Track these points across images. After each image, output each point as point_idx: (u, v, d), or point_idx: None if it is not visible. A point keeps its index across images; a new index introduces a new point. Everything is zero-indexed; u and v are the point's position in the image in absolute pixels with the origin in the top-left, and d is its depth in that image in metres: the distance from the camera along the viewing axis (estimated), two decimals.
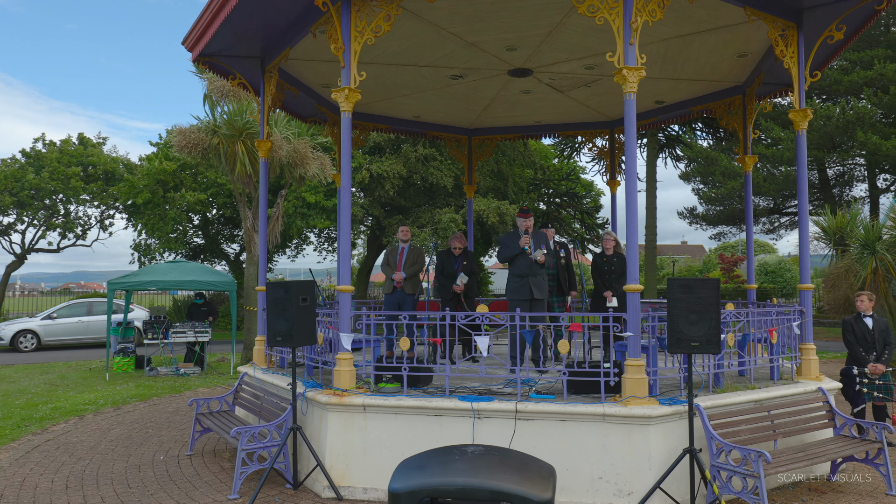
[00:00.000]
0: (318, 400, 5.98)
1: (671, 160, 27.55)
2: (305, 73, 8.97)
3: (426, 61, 8.55)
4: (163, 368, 13.68)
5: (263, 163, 8.42)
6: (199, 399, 7.53)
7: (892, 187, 22.76)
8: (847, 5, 6.76)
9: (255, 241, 14.29)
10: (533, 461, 2.39)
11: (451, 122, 11.70)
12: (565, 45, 8.00)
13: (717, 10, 6.92)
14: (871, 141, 17.34)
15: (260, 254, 8.33)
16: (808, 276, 7.05)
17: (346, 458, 5.83)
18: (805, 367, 6.86)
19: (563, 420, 5.47)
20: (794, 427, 5.99)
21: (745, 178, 9.77)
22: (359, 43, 6.26)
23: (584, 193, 32.68)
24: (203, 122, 14.35)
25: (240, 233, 28.68)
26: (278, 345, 5.83)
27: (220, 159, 14.09)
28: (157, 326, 13.67)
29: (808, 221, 7.14)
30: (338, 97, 6.29)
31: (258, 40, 7.90)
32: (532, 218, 7.50)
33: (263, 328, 8.18)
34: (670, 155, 27.74)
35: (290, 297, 5.79)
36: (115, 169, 25.40)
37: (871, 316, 7.88)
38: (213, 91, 14.20)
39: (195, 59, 8.13)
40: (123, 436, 8.30)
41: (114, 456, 7.34)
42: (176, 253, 25.22)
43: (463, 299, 8.61)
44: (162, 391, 11.51)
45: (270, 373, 7.51)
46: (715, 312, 5.07)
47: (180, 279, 13.80)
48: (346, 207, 6.28)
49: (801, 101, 7.05)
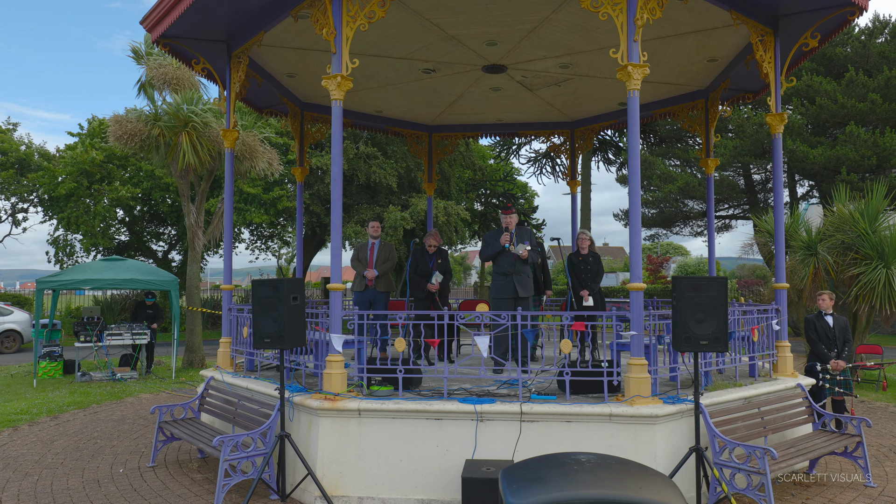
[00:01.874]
0: (308, 405, 5.63)
1: (603, 164, 28.26)
2: (270, 61, 8.51)
3: (402, 53, 8.29)
4: (96, 373, 12.74)
5: (229, 153, 7.93)
6: (161, 406, 6.99)
7: (811, 192, 24.16)
8: (822, 14, 6.98)
9: (199, 238, 13.55)
10: (649, 470, 2.24)
11: (412, 119, 11.46)
12: (546, 42, 7.93)
13: (702, 14, 7.01)
14: (799, 149, 18.30)
15: (225, 249, 7.84)
16: (784, 276, 7.26)
17: (339, 466, 5.51)
18: (781, 364, 7.06)
19: (568, 421, 5.36)
20: (781, 423, 6.12)
21: (707, 180, 10.02)
22: (351, 28, 5.95)
23: (520, 195, 33.07)
24: (138, 111, 13.50)
25: (166, 230, 27.31)
26: (266, 347, 5.44)
27: (159, 151, 13.27)
28: (90, 328, 12.73)
29: (784, 222, 7.36)
30: (328, 85, 5.95)
31: (226, 23, 7.41)
32: (515, 214, 7.38)
33: (229, 329, 7.71)
34: (603, 159, 28.44)
35: (279, 295, 5.42)
36: (29, 157, 23.57)
37: (832, 314, 8.23)
38: (153, 79, 13.36)
39: (155, 40, 7.55)
40: (70, 447, 7.61)
41: (65, 470, 6.69)
42: (99, 250, 23.73)
43: (437, 298, 8.39)
44: (101, 398, 10.69)
45: (241, 377, 7.06)
46: (723, 311, 5.09)
47: (116, 278, 12.88)
48: (338, 201, 5.95)
49: (778, 106, 7.24)
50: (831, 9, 6.89)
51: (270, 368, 7.69)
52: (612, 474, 2.13)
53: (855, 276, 11.52)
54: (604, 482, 2.07)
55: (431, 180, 12.00)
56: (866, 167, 17.85)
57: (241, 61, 7.60)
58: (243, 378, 6.95)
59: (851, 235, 11.71)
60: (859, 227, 11.60)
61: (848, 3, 6.71)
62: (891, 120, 18.20)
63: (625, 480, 2.09)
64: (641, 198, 25.48)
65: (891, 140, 17.64)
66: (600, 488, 2.03)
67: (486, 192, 32.04)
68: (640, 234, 5.66)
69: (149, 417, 9.25)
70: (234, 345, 7.61)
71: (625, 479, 2.10)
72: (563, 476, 2.12)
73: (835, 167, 18.24)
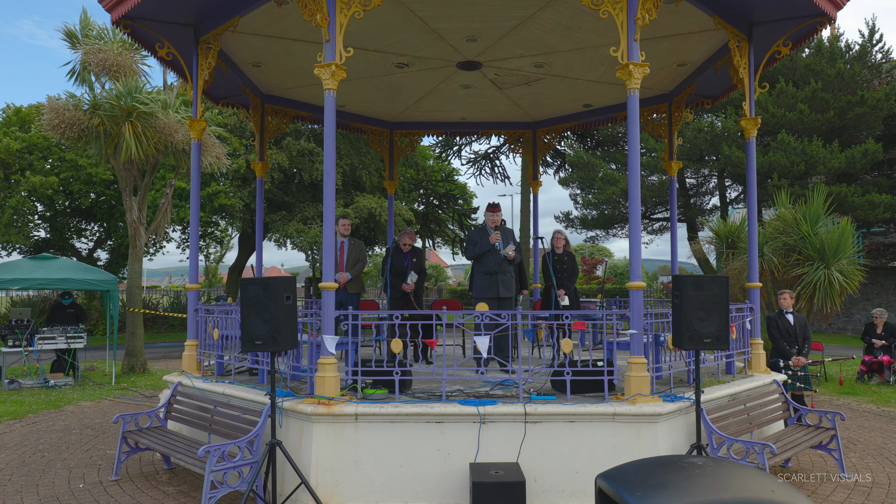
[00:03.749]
0: (301, 410, 5.34)
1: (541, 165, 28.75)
2: (236, 48, 8.09)
3: (378, 45, 8.05)
4: (26, 380, 11.80)
5: (196, 144, 7.47)
6: (125, 414, 6.48)
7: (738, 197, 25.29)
8: (794, 23, 7.24)
9: (141, 235, 12.78)
10: (760, 471, 2.17)
11: (375, 115, 11.20)
12: (525, 40, 7.88)
13: (683, 17, 7.13)
14: (734, 154, 19.10)
15: (191, 247, 7.38)
16: (757, 276, 7.47)
17: (335, 473, 5.25)
18: (755, 360, 7.26)
19: (571, 421, 5.30)
20: (763, 418, 6.29)
21: (671, 182, 10.25)
22: (345, 16, 5.69)
23: (460, 195, 33.12)
24: (76, 99, 12.62)
25: (89, 226, 25.74)
26: (257, 349, 5.11)
27: (98, 142, 12.43)
28: (18, 332, 11.78)
29: (756, 225, 7.57)
30: (321, 74, 5.67)
31: (196, 5, 6.97)
32: (501, 213, 7.29)
33: (195, 332, 7.26)
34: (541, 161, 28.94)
35: (271, 295, 5.09)
36: None
37: (792, 312, 8.56)
38: (90, 64, 12.51)
39: (116, 21, 7.02)
40: (15, 462, 6.96)
41: (16, 488, 6.10)
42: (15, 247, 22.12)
43: (412, 298, 8.20)
44: (37, 407, 9.89)
45: (213, 382, 6.64)
46: (724, 309, 5.15)
47: (48, 277, 11.98)
48: (330, 196, 5.67)
49: (752, 110, 7.46)
50: (803, 18, 7.15)
51: (242, 372, 7.29)
52: (734, 477, 2.05)
53: (798, 276, 12.08)
54: (733, 485, 1.98)
55: (393, 178, 11.78)
56: (795, 173, 18.81)
57: (212, 47, 7.18)
58: (217, 383, 6.54)
59: (795, 237, 12.28)
60: (802, 230, 12.18)
61: (819, 13, 6.97)
62: (817, 129, 19.26)
63: (751, 482, 2.01)
64: (583, 200, 26.10)
65: (817, 148, 18.66)
66: (733, 492, 1.94)
67: (425, 192, 31.93)
68: (640, 234, 5.67)
69: (97, 427, 8.62)
70: (202, 347, 7.17)
71: (749, 481, 2.02)
72: (688, 480, 2.01)
73: (767, 173, 19.13)
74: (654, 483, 2.02)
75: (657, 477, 2.06)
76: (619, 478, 2.14)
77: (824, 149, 18.80)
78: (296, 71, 8.83)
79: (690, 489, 1.95)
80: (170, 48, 7.45)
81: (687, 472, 2.05)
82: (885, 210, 18.91)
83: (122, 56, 12.26)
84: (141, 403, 10.12)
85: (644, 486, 2.02)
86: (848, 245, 12.01)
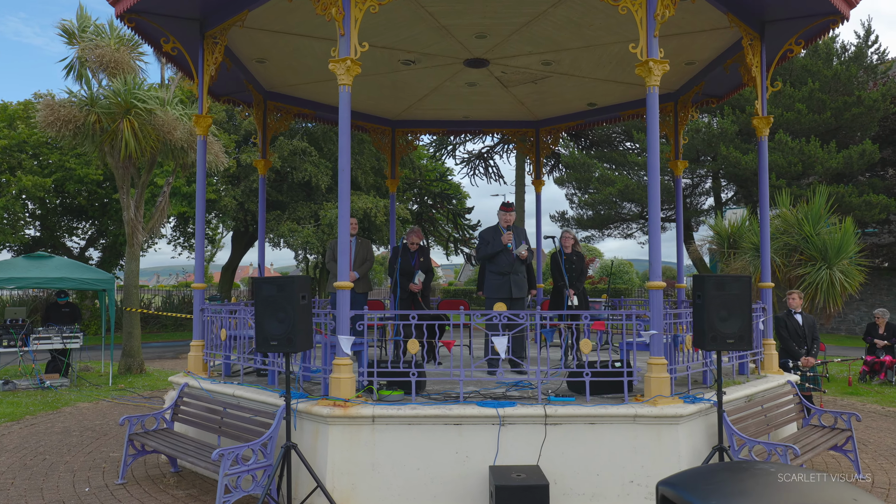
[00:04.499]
0: (317, 412, 5.22)
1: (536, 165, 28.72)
2: (242, 44, 7.96)
3: (386, 42, 7.94)
4: (21, 381, 11.59)
5: (201, 141, 7.33)
6: (131, 416, 6.34)
7: (732, 198, 25.35)
8: (807, 21, 7.20)
9: (138, 233, 12.59)
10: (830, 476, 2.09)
11: (378, 112, 11.08)
12: (535, 37, 7.80)
13: (696, 15, 7.07)
14: (732, 155, 19.12)
15: (196, 246, 7.23)
16: (769, 275, 7.42)
17: (351, 477, 5.14)
18: (767, 361, 7.21)
19: (592, 423, 5.22)
20: (780, 419, 6.24)
21: (677, 181, 10.21)
22: (360, 10, 5.58)
23: (454, 195, 33.01)
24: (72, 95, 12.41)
25: (80, 224, 25.41)
26: (273, 350, 4.99)
27: (95, 139, 12.23)
28: (13, 332, 11.56)
29: (769, 224, 7.52)
30: (336, 69, 5.56)
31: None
32: (514, 212, 7.20)
33: (201, 332, 7.12)
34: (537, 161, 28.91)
35: (286, 294, 4.98)
36: None
37: (801, 312, 8.53)
38: (87, 61, 12.31)
39: (120, 14, 6.87)
40: (16, 465, 6.80)
41: (19, 492, 5.95)
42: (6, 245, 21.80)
43: (420, 298, 8.10)
44: (35, 409, 9.70)
45: (222, 383, 6.51)
46: (747, 309, 5.09)
47: (44, 276, 11.77)
48: (346, 192, 5.56)
49: (764, 109, 7.41)
50: (816, 17, 7.11)
51: (249, 373, 7.17)
52: (813, 485, 1.97)
53: (800, 276, 12.08)
54: (815, 495, 1.90)
55: (395, 176, 11.66)
56: (793, 173, 18.85)
57: (218, 42, 7.04)
58: (225, 384, 6.41)
59: (797, 238, 12.29)
60: (804, 230, 12.19)
61: (833, 12, 6.94)
62: (815, 129, 19.32)
63: (832, 491, 1.93)
64: (578, 200, 26.06)
65: (815, 148, 18.72)
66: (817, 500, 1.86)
67: (419, 192, 31.81)
68: (660, 233, 5.60)
69: (97, 428, 8.46)
70: (208, 348, 7.04)
71: (830, 489, 1.94)
72: (766, 487, 1.93)
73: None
74: (729, 491, 1.94)
75: (731, 484, 1.97)
76: (688, 485, 2.06)
77: (822, 149, 18.86)
78: (300, 67, 8.71)
79: (776, 498, 1.86)
80: (175, 43, 7.31)
81: (764, 479, 1.97)
82: (881, 211, 18.99)
83: (119, 52, 12.08)
84: (140, 405, 9.95)
85: (719, 495, 1.93)
86: (850, 245, 12.03)
